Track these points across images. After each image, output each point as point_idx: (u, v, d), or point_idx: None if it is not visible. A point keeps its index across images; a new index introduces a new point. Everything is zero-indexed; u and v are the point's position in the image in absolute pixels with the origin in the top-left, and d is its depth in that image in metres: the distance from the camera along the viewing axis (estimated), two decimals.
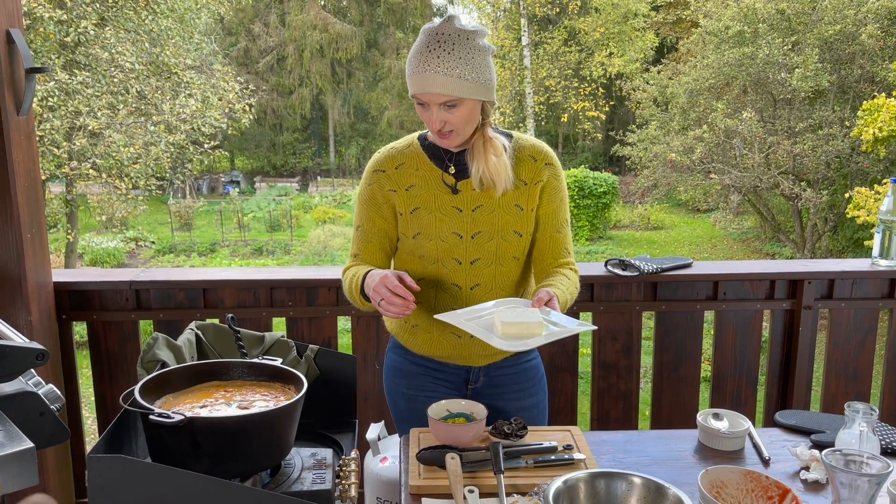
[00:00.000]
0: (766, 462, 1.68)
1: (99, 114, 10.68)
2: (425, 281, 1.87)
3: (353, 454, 1.65)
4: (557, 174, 1.86)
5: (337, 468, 1.60)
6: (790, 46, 12.77)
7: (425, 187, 1.83)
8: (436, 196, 1.82)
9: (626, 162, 17.78)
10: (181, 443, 1.36)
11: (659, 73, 15.51)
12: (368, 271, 1.77)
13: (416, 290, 1.67)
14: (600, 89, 21.90)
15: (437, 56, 1.64)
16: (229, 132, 14.14)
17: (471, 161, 1.78)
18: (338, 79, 26.95)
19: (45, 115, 10.15)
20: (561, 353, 2.67)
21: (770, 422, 2.79)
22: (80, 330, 2.85)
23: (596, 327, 1.86)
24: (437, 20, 1.70)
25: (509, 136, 1.85)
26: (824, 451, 1.28)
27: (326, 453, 1.61)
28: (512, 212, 1.82)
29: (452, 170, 1.82)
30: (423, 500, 1.49)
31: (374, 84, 26.87)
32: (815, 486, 1.59)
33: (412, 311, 1.64)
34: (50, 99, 10.10)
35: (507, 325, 1.58)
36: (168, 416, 1.31)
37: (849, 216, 10.30)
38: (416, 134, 1.90)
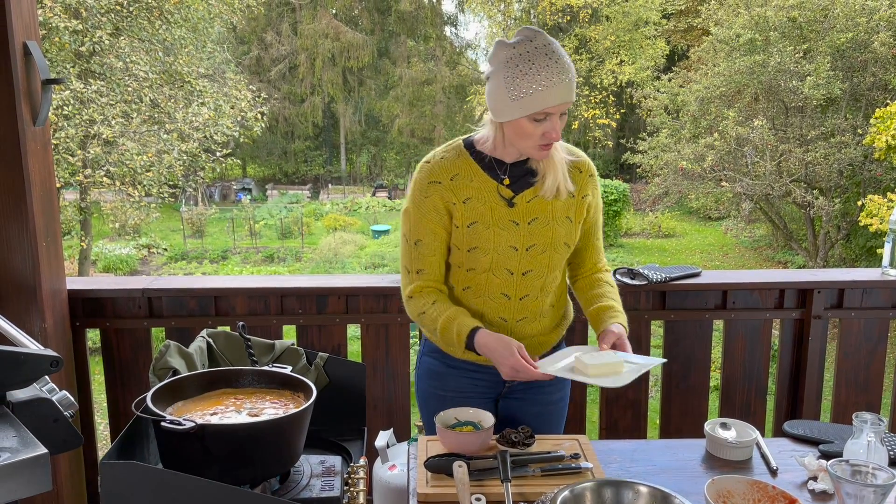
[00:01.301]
0: (773, 472, 1.68)
1: (113, 122, 10.79)
2: (471, 290, 1.86)
3: (362, 461, 1.67)
4: (597, 184, 1.90)
5: (345, 475, 1.62)
6: (802, 54, 12.73)
7: (481, 200, 1.79)
8: (492, 209, 1.79)
9: (637, 170, 17.74)
10: (192, 449, 1.38)
11: (670, 80, 15.49)
12: (475, 328, 1.76)
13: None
14: (611, 97, 21.90)
15: (562, 66, 1.64)
16: (241, 140, 14.24)
17: (545, 170, 1.79)
18: (349, 87, 27.08)
19: (59, 124, 10.26)
20: None
21: (780, 432, 2.78)
22: (92, 337, 2.88)
23: (664, 360, 1.94)
24: (518, 36, 1.68)
25: None
26: (830, 462, 1.29)
27: (335, 460, 1.63)
28: (564, 224, 1.83)
29: (507, 181, 1.80)
30: None
31: (385, 92, 26.98)
32: (822, 497, 1.59)
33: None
34: (65, 108, 10.21)
35: (593, 367, 1.64)
36: (180, 423, 1.33)
37: (861, 224, 10.25)
38: (460, 142, 1.86)
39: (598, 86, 21.59)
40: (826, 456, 1.73)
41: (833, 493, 1.59)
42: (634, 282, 2.58)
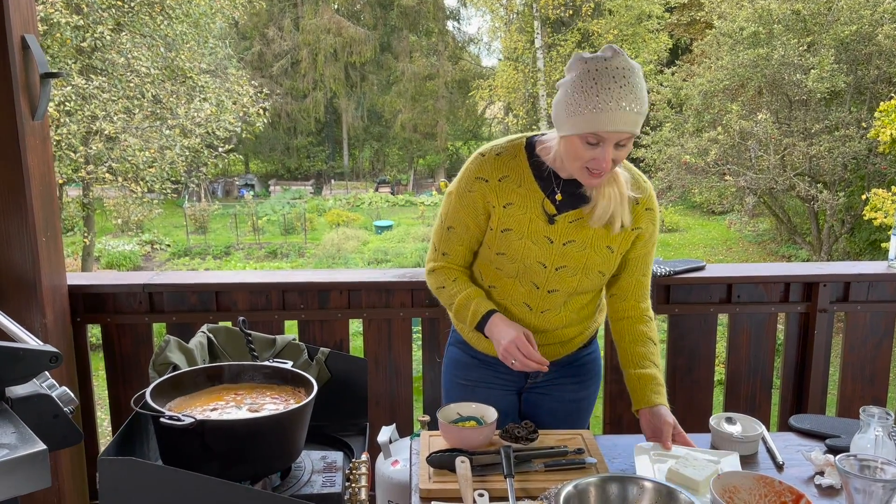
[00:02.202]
0: (779, 467, 1.67)
1: (115, 118, 10.78)
2: (498, 290, 1.84)
3: (364, 457, 1.65)
4: (654, 219, 1.79)
5: (347, 471, 1.60)
6: (806, 47, 12.67)
7: (523, 208, 1.72)
8: (531, 220, 1.72)
9: (641, 164, 17.67)
10: (192, 445, 1.37)
11: (673, 74, 15.43)
12: (490, 310, 1.76)
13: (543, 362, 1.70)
14: None
15: (631, 93, 1.51)
16: (244, 136, 14.20)
17: (598, 199, 1.67)
18: (351, 82, 27.04)
19: (62, 120, 10.25)
20: None
21: (785, 426, 2.75)
22: (94, 333, 2.87)
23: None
24: (598, 54, 1.56)
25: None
26: (838, 457, 1.27)
27: (337, 456, 1.62)
28: (602, 252, 1.75)
29: (559, 197, 1.71)
30: (433, 503, 1.49)
31: (387, 87, 26.94)
32: (829, 492, 1.57)
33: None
34: (67, 103, 10.20)
35: (703, 483, 1.51)
36: (179, 419, 1.32)
37: (866, 218, 10.20)
38: (522, 140, 1.76)
39: None
40: (833, 451, 1.72)
41: (840, 488, 1.57)
42: None
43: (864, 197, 10.97)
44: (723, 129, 12.98)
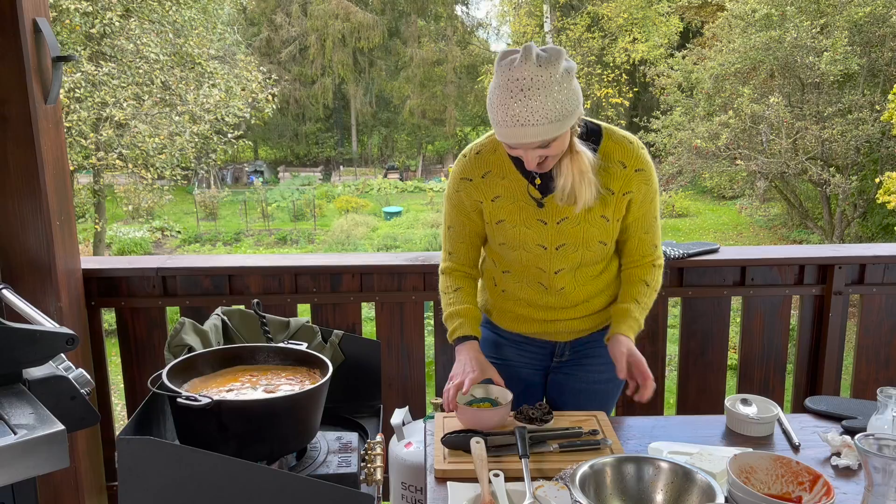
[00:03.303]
0: (796, 448, 1.66)
1: (125, 104, 10.79)
2: (512, 275, 1.88)
3: (379, 438, 1.66)
4: (648, 178, 1.76)
5: (362, 452, 1.61)
6: (819, 29, 12.53)
7: (511, 199, 1.77)
8: (521, 208, 1.77)
9: (651, 149, 17.57)
10: (208, 425, 1.37)
11: (684, 58, 15.31)
12: (464, 336, 1.83)
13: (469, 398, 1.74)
14: (624, 76, 21.66)
15: (525, 107, 1.51)
16: (253, 122, 14.21)
17: (557, 176, 1.69)
18: (360, 68, 26.96)
19: (72, 107, 10.28)
20: None
21: (798, 409, 2.74)
22: (108, 319, 2.89)
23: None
24: (511, 56, 1.55)
25: (598, 133, 1.74)
26: (857, 436, 1.26)
27: (352, 437, 1.62)
28: (597, 223, 1.76)
29: (538, 181, 1.75)
30: (449, 483, 1.49)
31: (395, 73, 26.85)
32: (846, 472, 1.57)
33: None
34: (77, 90, 10.22)
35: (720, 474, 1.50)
36: (195, 399, 1.33)
37: (879, 202, 10.13)
38: None
39: (611, 64, 21.36)
40: (849, 432, 1.71)
41: (857, 468, 1.57)
42: None
43: (877, 180, 10.89)
44: (734, 112, 12.87)
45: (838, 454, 1.62)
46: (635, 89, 22.57)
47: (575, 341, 1.96)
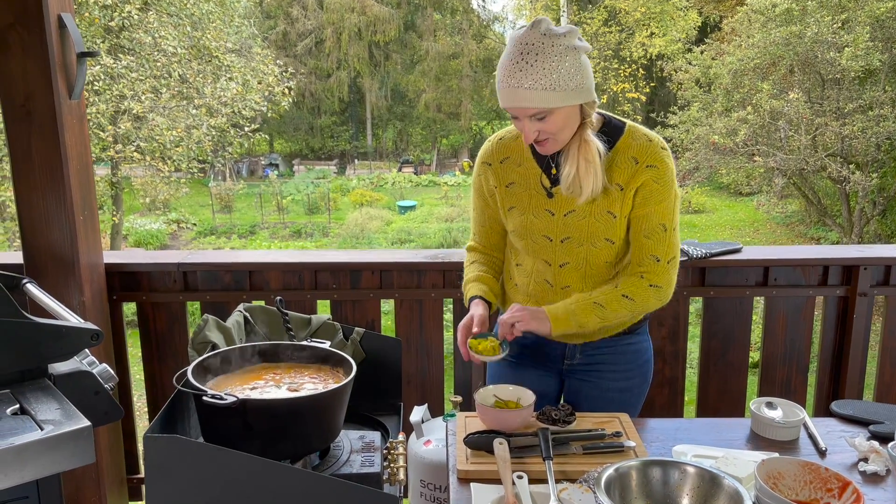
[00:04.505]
0: (822, 453, 1.64)
1: (143, 97, 10.86)
2: (522, 268, 1.89)
3: (401, 437, 1.66)
4: (660, 176, 1.71)
5: (384, 451, 1.61)
6: (840, 24, 12.36)
7: (524, 186, 1.80)
8: (531, 196, 1.79)
9: (668, 144, 17.45)
10: (233, 424, 1.38)
11: (702, 53, 15.14)
12: (473, 296, 1.85)
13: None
14: (641, 70, 21.52)
15: (521, 69, 1.55)
16: (269, 115, 14.25)
17: (563, 164, 1.70)
18: (375, 61, 26.94)
19: (90, 99, 10.35)
20: None
21: (821, 411, 2.72)
22: (126, 310, 2.90)
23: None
24: (523, 26, 1.61)
25: (620, 130, 1.74)
26: (890, 444, 1.24)
27: (374, 436, 1.62)
28: (603, 219, 1.74)
29: (554, 171, 1.75)
30: (473, 485, 1.48)
31: (411, 67, 26.80)
32: (874, 479, 1.55)
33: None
34: (96, 83, 10.29)
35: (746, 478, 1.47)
36: (221, 398, 1.33)
37: None
38: None
39: (628, 59, 21.22)
40: (876, 437, 1.69)
41: (885, 474, 1.55)
42: None
43: None
44: (753, 108, 12.74)
45: (865, 459, 1.60)
46: (652, 84, 22.42)
47: (585, 345, 1.92)
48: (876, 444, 1.61)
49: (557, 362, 1.96)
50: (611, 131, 1.74)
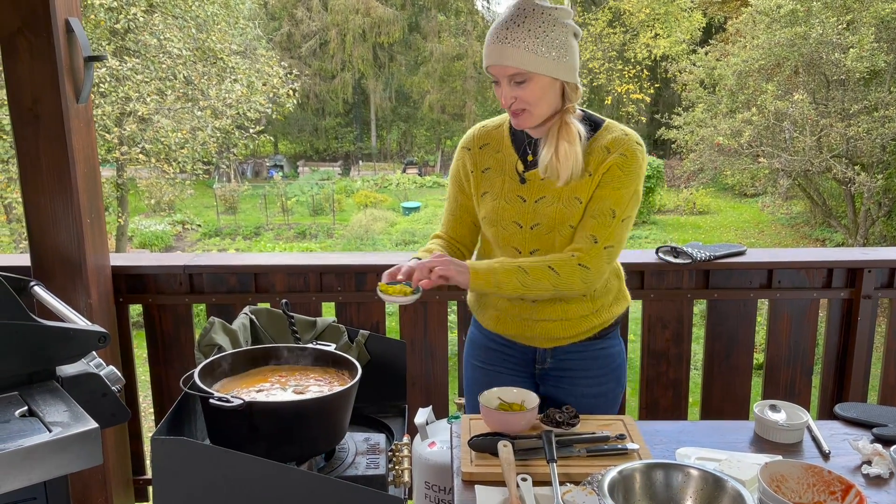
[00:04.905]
0: (825, 456, 1.64)
1: (148, 99, 10.89)
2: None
3: (406, 439, 1.66)
4: (626, 164, 1.71)
5: (389, 453, 1.62)
6: (845, 25, 12.34)
7: (499, 172, 1.82)
8: (505, 182, 1.80)
9: (672, 145, 17.45)
10: (240, 426, 1.39)
11: (706, 54, 15.13)
12: (417, 256, 1.82)
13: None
14: (645, 71, 21.51)
15: (507, 28, 1.62)
16: (273, 117, 14.28)
17: (542, 146, 1.73)
18: (380, 63, 26.97)
19: (96, 101, 10.39)
20: None
21: (825, 414, 2.72)
22: (133, 313, 2.91)
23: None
24: None
25: (598, 124, 1.77)
26: (894, 447, 1.25)
27: (379, 438, 1.63)
28: (571, 204, 1.74)
29: (531, 157, 1.78)
30: (477, 487, 1.49)
31: (415, 68, 26.84)
32: (877, 482, 1.55)
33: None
34: (101, 85, 10.33)
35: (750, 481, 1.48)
36: (228, 400, 1.34)
37: None
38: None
39: (632, 60, 21.21)
40: (880, 440, 1.69)
41: (888, 476, 1.55)
42: (678, 260, 2.53)
43: None
44: (757, 109, 12.73)
45: (869, 462, 1.60)
46: (657, 85, 22.40)
47: (555, 349, 1.91)
48: (879, 446, 1.61)
49: (529, 366, 1.95)
50: (590, 125, 1.76)
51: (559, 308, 1.85)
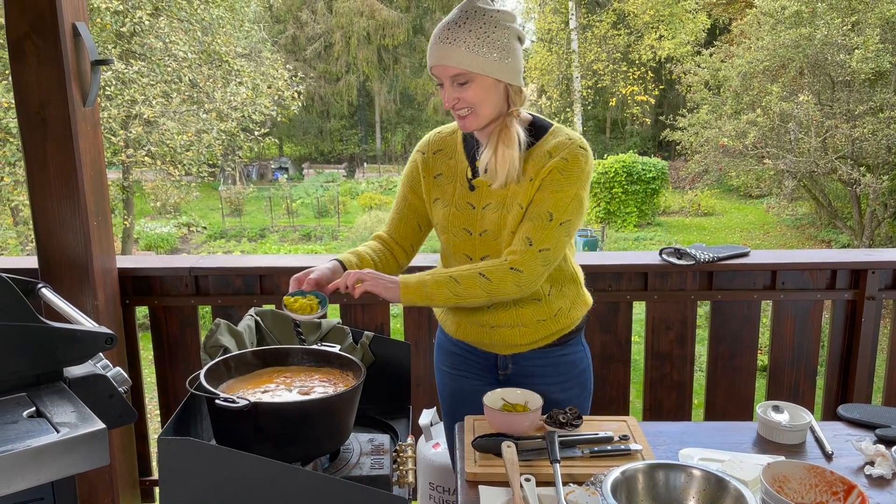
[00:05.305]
0: (828, 456, 1.65)
1: (154, 102, 10.94)
2: (447, 266, 1.88)
3: (410, 440, 1.67)
4: (566, 168, 1.68)
5: (394, 454, 1.63)
6: (850, 27, 12.33)
7: (450, 178, 1.82)
8: (455, 188, 1.81)
9: (677, 147, 17.44)
10: (245, 427, 1.40)
11: (711, 55, 15.13)
12: (337, 258, 1.83)
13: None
14: (649, 73, 21.51)
15: (449, 29, 1.62)
16: (278, 119, 14.32)
17: (483, 148, 1.73)
18: (384, 65, 27.02)
19: (102, 104, 10.44)
20: (613, 342, 2.65)
21: (829, 415, 2.72)
22: (139, 314, 2.93)
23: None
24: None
25: (545, 129, 1.75)
26: (894, 448, 1.25)
27: (384, 439, 1.64)
28: (513, 210, 1.72)
29: (478, 163, 1.75)
30: (481, 487, 1.50)
31: (419, 70, 26.86)
32: (879, 482, 1.55)
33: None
34: (107, 88, 10.38)
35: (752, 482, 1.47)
36: (233, 401, 1.35)
37: None
38: None
39: (637, 61, 21.20)
40: (883, 440, 1.69)
41: (891, 477, 1.55)
42: (681, 262, 2.54)
43: None
44: (762, 111, 12.72)
45: (872, 463, 1.61)
46: (661, 87, 22.40)
47: (515, 356, 1.90)
48: (882, 447, 1.61)
49: (493, 372, 1.94)
50: (536, 131, 1.75)
51: (514, 313, 1.83)
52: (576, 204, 1.70)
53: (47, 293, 1.71)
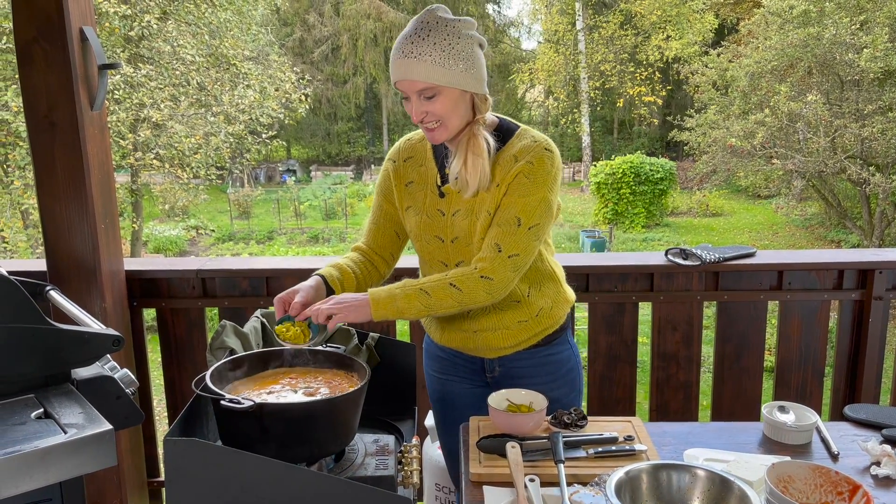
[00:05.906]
0: (834, 457, 1.64)
1: (162, 106, 11.00)
2: (424, 274, 1.88)
3: (415, 441, 1.68)
4: (532, 172, 1.67)
5: (398, 454, 1.63)
6: (858, 26, 12.27)
7: (421, 186, 1.81)
8: (426, 196, 1.80)
9: (685, 147, 17.40)
10: (251, 428, 1.41)
11: (719, 55, 15.10)
12: (319, 272, 1.80)
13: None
14: (657, 73, 21.47)
15: (412, 42, 1.59)
16: (286, 122, 14.37)
17: (452, 158, 1.71)
18: None
19: (111, 108, 10.50)
20: (619, 342, 2.65)
21: (837, 415, 2.71)
22: (146, 316, 2.95)
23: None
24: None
25: (512, 132, 1.74)
26: None
27: (389, 440, 1.64)
28: (482, 217, 1.71)
29: (448, 171, 1.74)
30: (485, 487, 1.50)
31: None
32: (886, 482, 1.55)
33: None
34: (116, 92, 10.44)
35: (757, 482, 1.46)
36: (238, 402, 1.36)
37: None
38: None
39: (644, 62, 21.17)
40: (889, 441, 1.69)
41: None
42: (687, 262, 2.54)
43: None
44: (770, 111, 12.68)
45: (878, 463, 1.60)
46: (669, 87, 22.35)
47: (501, 359, 1.89)
48: (888, 447, 1.61)
49: (480, 375, 1.93)
50: (503, 134, 1.74)
51: (495, 317, 1.82)
52: (543, 207, 1.68)
53: (55, 295, 1.73)
